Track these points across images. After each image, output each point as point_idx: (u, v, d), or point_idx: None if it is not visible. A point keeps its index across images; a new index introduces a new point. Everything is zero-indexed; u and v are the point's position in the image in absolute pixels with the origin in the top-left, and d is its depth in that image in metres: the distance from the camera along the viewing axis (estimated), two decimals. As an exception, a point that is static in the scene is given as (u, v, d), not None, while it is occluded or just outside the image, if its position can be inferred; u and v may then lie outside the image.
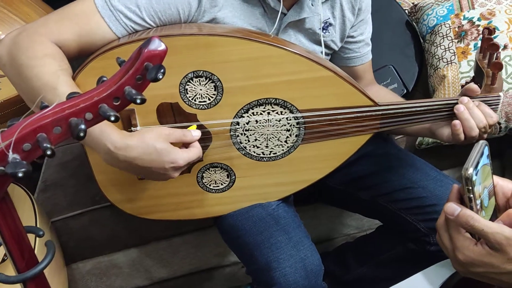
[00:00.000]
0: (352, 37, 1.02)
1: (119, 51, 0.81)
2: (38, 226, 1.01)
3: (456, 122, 0.85)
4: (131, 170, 0.81)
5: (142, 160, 0.78)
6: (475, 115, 0.84)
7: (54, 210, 1.18)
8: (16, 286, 0.91)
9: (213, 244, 1.29)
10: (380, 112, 0.88)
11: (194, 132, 0.83)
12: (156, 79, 0.48)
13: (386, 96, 1.05)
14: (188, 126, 0.88)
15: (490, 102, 0.86)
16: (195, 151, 0.82)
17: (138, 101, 0.47)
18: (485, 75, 0.86)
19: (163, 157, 0.78)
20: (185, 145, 0.83)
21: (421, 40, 1.38)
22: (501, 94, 0.87)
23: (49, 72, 0.77)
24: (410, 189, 0.98)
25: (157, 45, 0.49)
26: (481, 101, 0.86)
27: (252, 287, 0.97)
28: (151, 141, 0.78)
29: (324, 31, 0.96)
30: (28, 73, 0.78)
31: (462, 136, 0.85)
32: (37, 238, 0.96)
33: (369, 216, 1.15)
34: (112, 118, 0.47)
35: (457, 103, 0.86)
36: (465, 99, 0.85)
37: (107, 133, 0.77)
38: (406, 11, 1.42)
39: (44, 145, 0.45)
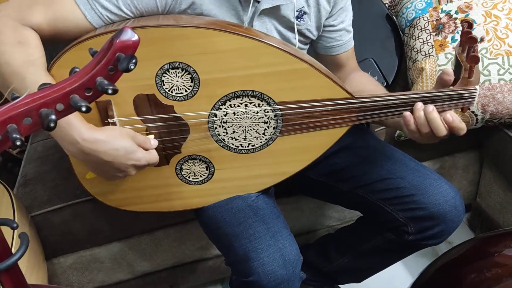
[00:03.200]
0: (333, 26, 1.03)
1: (95, 41, 0.81)
2: (16, 220, 1.01)
3: (407, 113, 0.85)
4: (92, 163, 0.82)
5: (107, 155, 0.80)
6: (418, 121, 0.85)
7: (34, 205, 1.17)
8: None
9: (196, 237, 1.29)
10: (357, 105, 0.89)
11: (153, 141, 0.86)
12: (128, 70, 0.48)
13: (368, 84, 1.05)
14: (166, 119, 0.89)
15: (467, 95, 0.87)
16: (154, 154, 0.86)
17: (110, 91, 0.47)
18: (463, 68, 0.87)
19: (129, 154, 0.81)
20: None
21: (401, 34, 1.39)
22: (477, 87, 0.87)
23: (19, 60, 0.77)
24: (388, 180, 0.99)
25: (130, 36, 0.49)
26: (457, 94, 0.86)
27: (231, 278, 0.98)
28: (120, 138, 0.81)
29: (299, 19, 0.96)
30: None
31: (413, 127, 0.85)
32: (16, 232, 0.95)
33: (350, 207, 1.17)
34: (84, 109, 0.47)
35: (434, 96, 0.87)
36: (418, 104, 0.85)
37: (75, 124, 0.78)
38: (386, 4, 1.44)
39: (14, 135, 0.44)
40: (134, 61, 0.48)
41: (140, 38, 0.50)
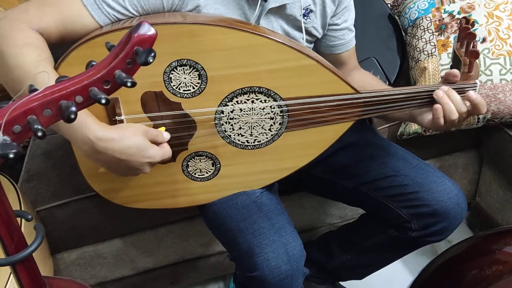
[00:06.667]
0: (336, 24, 1.04)
1: (101, 40, 0.81)
2: (23, 214, 1.01)
3: (437, 106, 0.87)
4: (107, 162, 0.81)
5: (122, 153, 0.79)
6: (454, 99, 0.87)
7: (38, 200, 1.17)
8: (6, 270, 0.91)
9: (198, 234, 1.30)
10: (362, 100, 0.90)
11: (165, 134, 0.86)
12: (146, 63, 0.49)
13: (369, 81, 1.07)
14: (173, 116, 0.89)
15: (467, 89, 0.89)
16: (168, 149, 0.85)
17: (129, 84, 0.48)
18: (462, 63, 0.88)
19: (142, 152, 0.81)
20: (156, 143, 0.85)
21: (403, 33, 1.41)
22: (477, 81, 0.89)
23: (29, 61, 0.77)
24: (392, 177, 1.01)
25: (147, 30, 0.50)
26: (458, 88, 0.88)
27: (235, 274, 0.99)
28: (133, 136, 0.80)
29: (305, 17, 0.97)
30: (8, 61, 0.78)
31: (442, 120, 0.87)
32: (23, 225, 0.96)
33: (353, 205, 1.18)
34: (103, 101, 0.48)
35: (433, 90, 0.88)
36: (445, 87, 0.88)
37: (89, 123, 0.78)
38: (389, 4, 1.45)
39: (35, 126, 0.45)
40: (153, 54, 0.49)
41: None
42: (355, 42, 1.11)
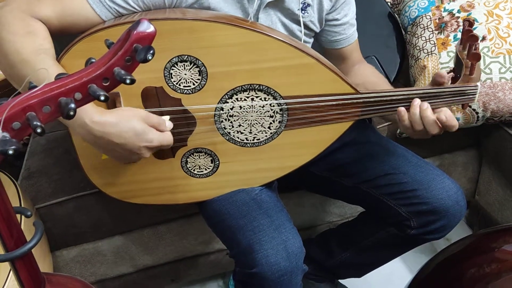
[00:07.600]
0: (337, 19, 1.04)
1: (104, 34, 0.82)
2: (22, 211, 1.01)
3: (401, 108, 0.87)
4: (104, 146, 0.82)
5: (118, 137, 0.80)
6: (423, 114, 0.86)
7: (38, 197, 1.17)
8: (6, 266, 0.91)
9: (198, 231, 1.30)
10: (362, 100, 0.90)
11: (168, 123, 0.85)
12: (145, 60, 0.49)
13: (371, 76, 1.07)
14: (173, 112, 0.89)
15: (468, 92, 0.88)
16: (168, 136, 0.84)
17: (128, 81, 0.48)
18: (464, 65, 0.88)
19: (140, 136, 0.80)
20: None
21: (403, 32, 1.41)
22: (478, 84, 0.89)
23: (29, 49, 0.78)
24: (391, 175, 1.01)
25: (146, 27, 0.51)
26: (459, 90, 0.88)
27: (235, 271, 0.99)
28: (130, 120, 0.80)
29: (303, 11, 0.97)
30: (8, 48, 0.78)
31: (407, 123, 0.87)
32: (23, 222, 0.96)
33: (352, 203, 1.18)
34: (102, 98, 0.48)
35: (436, 92, 0.88)
36: (416, 100, 0.87)
37: (86, 107, 0.78)
38: (389, 3, 1.45)
39: (35, 123, 0.45)
40: (152, 52, 0.49)
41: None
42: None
